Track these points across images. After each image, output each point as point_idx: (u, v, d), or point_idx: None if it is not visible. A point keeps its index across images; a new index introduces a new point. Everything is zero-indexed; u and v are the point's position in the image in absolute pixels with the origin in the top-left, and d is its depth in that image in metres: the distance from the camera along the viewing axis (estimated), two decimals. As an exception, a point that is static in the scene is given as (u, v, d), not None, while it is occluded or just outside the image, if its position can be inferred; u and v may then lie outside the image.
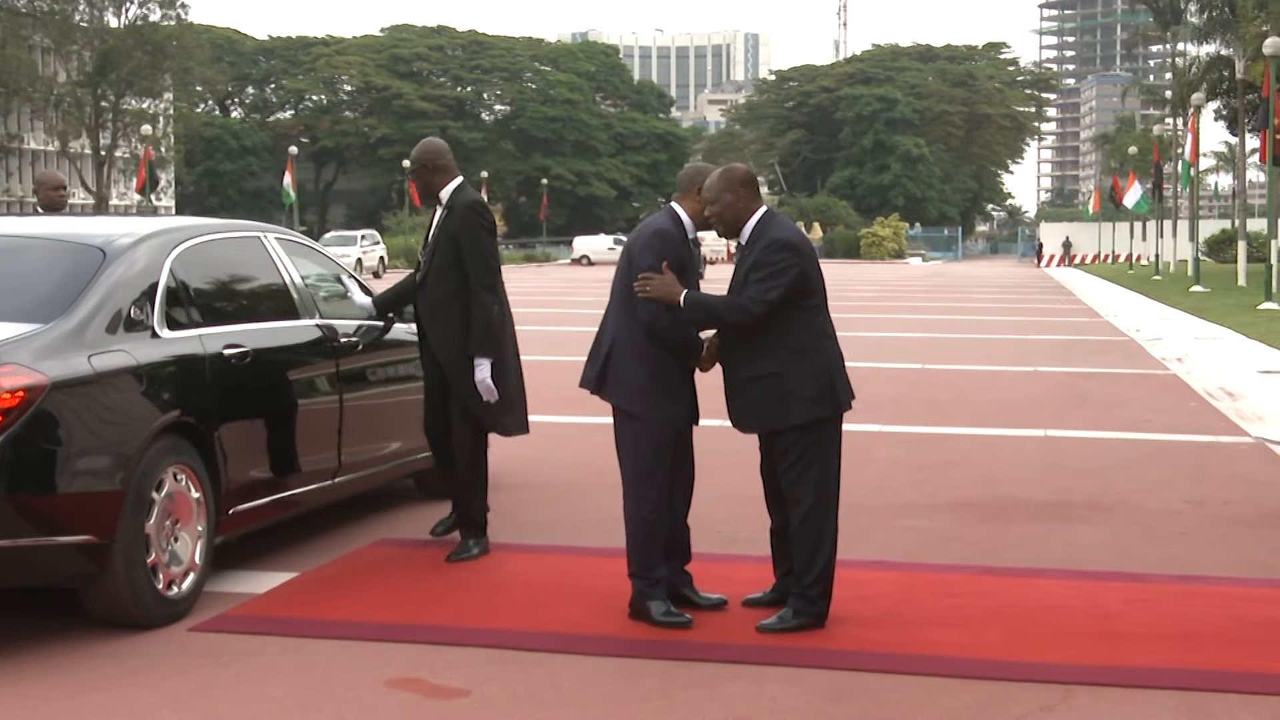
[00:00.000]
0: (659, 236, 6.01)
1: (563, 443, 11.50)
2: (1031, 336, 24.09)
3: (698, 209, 6.11)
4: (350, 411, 7.72)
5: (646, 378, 6.00)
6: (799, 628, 5.92)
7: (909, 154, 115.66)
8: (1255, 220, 66.12)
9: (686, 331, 5.98)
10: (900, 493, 9.18)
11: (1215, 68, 56.01)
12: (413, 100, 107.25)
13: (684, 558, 6.29)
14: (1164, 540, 7.87)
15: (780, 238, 5.88)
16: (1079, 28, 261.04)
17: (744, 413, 6.01)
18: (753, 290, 5.83)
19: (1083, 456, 10.93)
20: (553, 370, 17.79)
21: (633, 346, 6.03)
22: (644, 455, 6.01)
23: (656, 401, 6.00)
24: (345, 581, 6.79)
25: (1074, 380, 16.71)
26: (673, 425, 6.03)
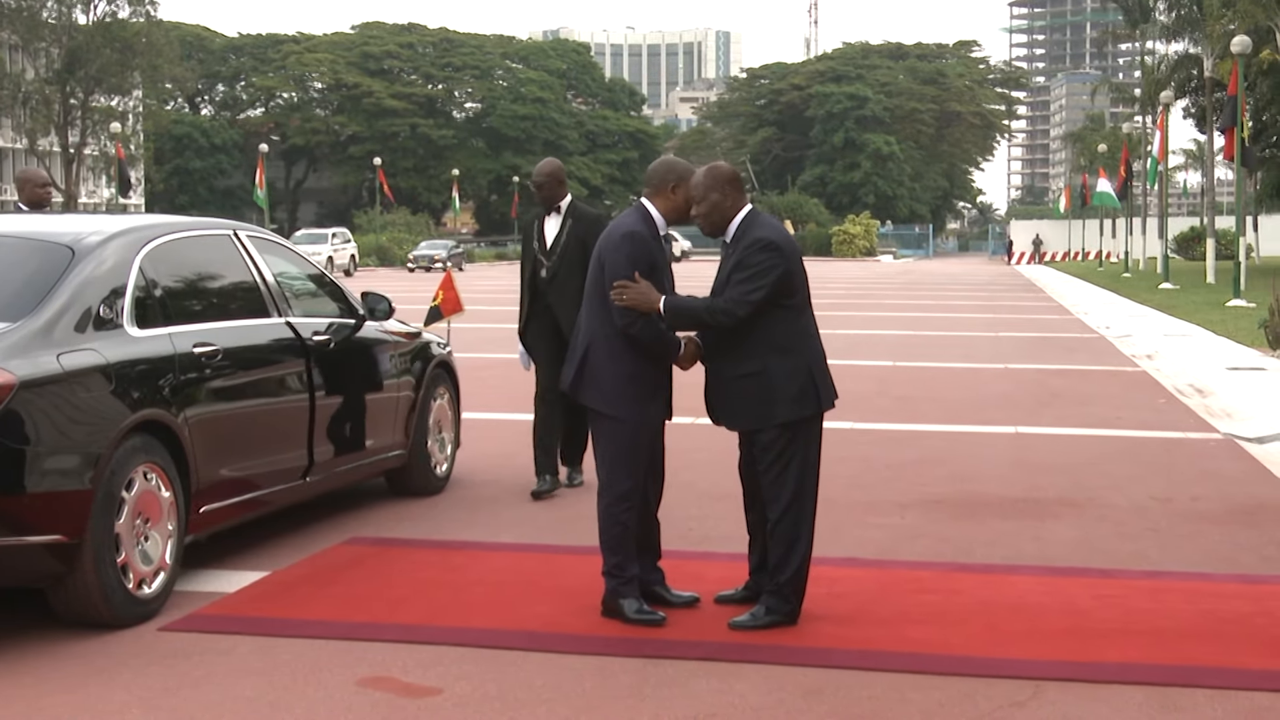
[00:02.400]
0: (628, 239, 5.99)
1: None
2: (1002, 334, 24.17)
3: (668, 205, 6.11)
4: (322, 410, 7.70)
5: (623, 379, 5.99)
6: (771, 624, 5.93)
7: (879, 152, 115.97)
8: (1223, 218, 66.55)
9: (662, 335, 5.98)
10: (872, 490, 9.20)
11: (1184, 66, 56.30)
12: (383, 98, 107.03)
13: (655, 554, 6.30)
14: (1133, 536, 7.91)
15: (764, 237, 5.88)
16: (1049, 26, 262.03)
17: (727, 410, 6.03)
18: (736, 291, 5.84)
19: (1053, 453, 10.97)
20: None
21: (608, 348, 6.02)
22: (620, 455, 6.01)
23: (633, 403, 5.99)
24: (316, 580, 6.77)
25: (1044, 377, 16.78)
26: (650, 426, 6.04)
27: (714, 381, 6.04)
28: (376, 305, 8.65)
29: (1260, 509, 8.72)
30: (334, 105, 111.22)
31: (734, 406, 5.98)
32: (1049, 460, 10.61)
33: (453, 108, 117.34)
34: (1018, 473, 10.04)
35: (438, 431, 9.26)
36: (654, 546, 6.29)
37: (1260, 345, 18.91)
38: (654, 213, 6.12)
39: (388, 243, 74.96)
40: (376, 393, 8.48)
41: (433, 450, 9.13)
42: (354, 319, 8.38)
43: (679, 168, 6.18)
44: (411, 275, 60.02)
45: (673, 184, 6.12)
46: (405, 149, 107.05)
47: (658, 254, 6.03)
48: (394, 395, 8.68)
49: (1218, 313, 27.18)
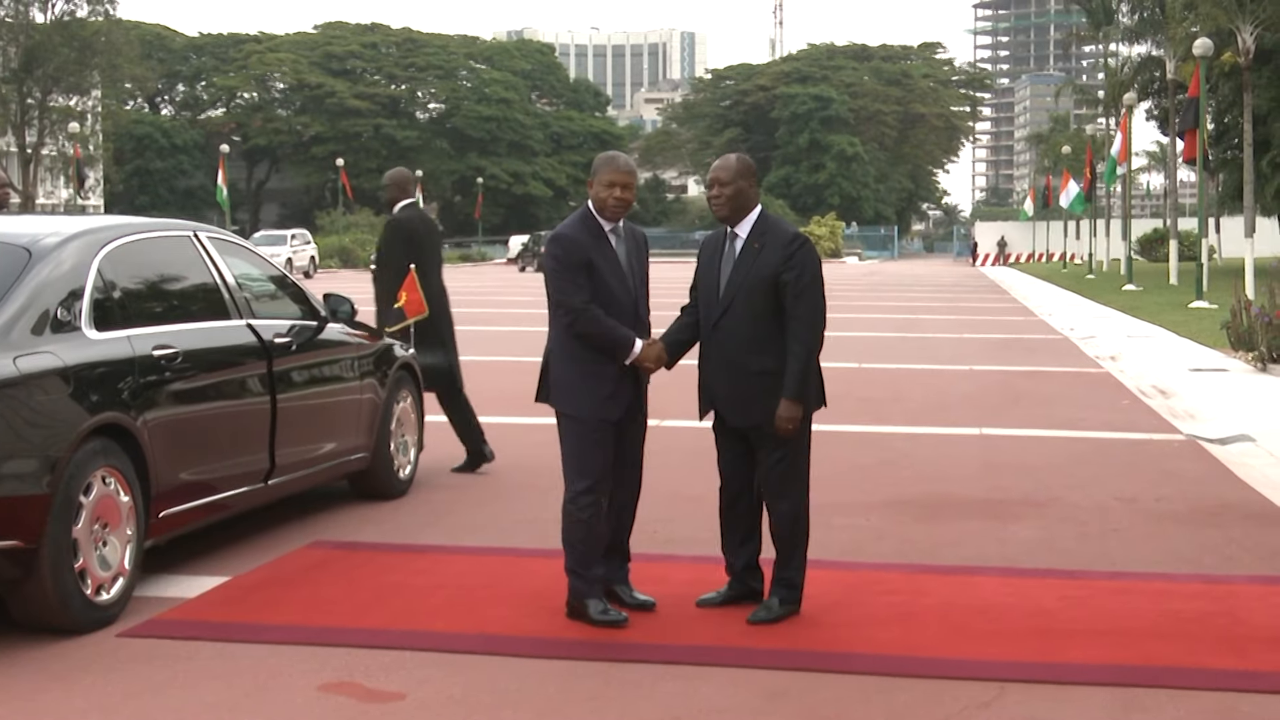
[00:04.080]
0: (554, 242, 6.12)
1: (498, 443, 11.46)
2: (967, 335, 24.27)
3: (593, 200, 6.16)
4: (283, 413, 7.67)
5: (578, 376, 6.07)
6: (786, 615, 6.09)
7: (844, 153, 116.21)
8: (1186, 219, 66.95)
9: (606, 330, 6.01)
10: (837, 491, 9.22)
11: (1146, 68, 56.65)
12: (346, 98, 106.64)
13: (623, 555, 6.32)
14: (1097, 537, 7.95)
15: (800, 234, 6.12)
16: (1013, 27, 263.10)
17: (741, 406, 6.09)
18: (805, 305, 5.98)
19: (1017, 454, 11.02)
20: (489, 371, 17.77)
21: (563, 349, 6.13)
22: (578, 452, 6.07)
23: (587, 397, 6.05)
24: (278, 585, 6.74)
25: (1009, 379, 16.85)
26: (606, 420, 6.05)
27: (729, 376, 6.09)
28: (339, 307, 8.63)
29: (1223, 509, 8.78)
30: (296, 105, 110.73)
31: (750, 401, 6.05)
32: (1013, 461, 10.66)
33: (416, 108, 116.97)
34: (982, 474, 10.08)
35: (401, 434, 9.24)
36: (622, 547, 6.31)
37: (1222, 346, 19.04)
38: (595, 213, 6.17)
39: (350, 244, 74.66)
40: (339, 395, 8.46)
41: (396, 453, 9.11)
42: (316, 321, 8.35)
43: (596, 161, 6.26)
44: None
45: (590, 179, 6.21)
46: (368, 149, 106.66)
47: (594, 252, 6.06)
48: (357, 398, 8.66)
49: (1180, 314, 27.36)
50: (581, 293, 6.00)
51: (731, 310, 6.05)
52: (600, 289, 6.03)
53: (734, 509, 6.28)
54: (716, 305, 6.11)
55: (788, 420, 5.95)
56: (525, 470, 9.85)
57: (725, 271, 6.11)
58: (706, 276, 6.19)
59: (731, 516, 6.30)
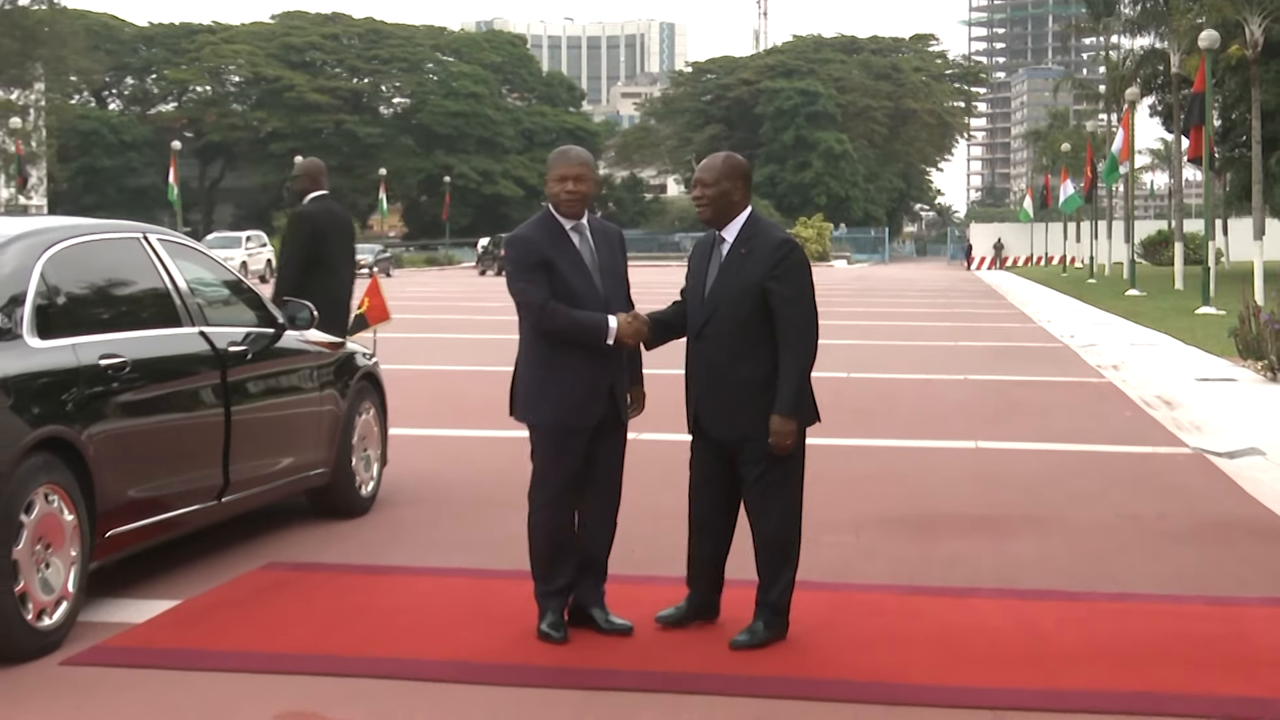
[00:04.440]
0: (510, 244, 6.22)
1: (468, 457, 11.46)
2: (962, 343, 24.33)
3: (550, 193, 6.20)
4: (238, 425, 7.65)
5: (542, 382, 6.14)
6: (770, 640, 6.07)
7: (831, 151, 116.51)
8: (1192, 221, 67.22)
9: (575, 321, 6.04)
10: (824, 508, 9.21)
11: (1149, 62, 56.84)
12: (305, 92, 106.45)
13: (597, 574, 6.32)
14: (1098, 556, 7.97)
15: (789, 239, 6.14)
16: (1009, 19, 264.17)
17: (725, 416, 6.07)
18: (803, 308, 6.02)
19: (1014, 468, 11.04)
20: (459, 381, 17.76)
21: (528, 356, 6.21)
22: (540, 459, 6.17)
23: (549, 404, 6.11)
24: (232, 608, 6.72)
25: (1006, 389, 16.89)
26: (572, 428, 6.08)
27: (712, 385, 6.08)
28: (297, 313, 8.61)
29: (1231, 527, 8.81)
30: (253, 100, 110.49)
31: (734, 412, 6.04)
32: (1010, 476, 10.68)
33: (380, 103, 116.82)
34: (977, 489, 10.10)
35: (363, 448, 9.22)
36: (597, 566, 6.31)
37: (1230, 355, 19.11)
38: (553, 211, 6.23)
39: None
40: (297, 407, 8.44)
41: (357, 468, 9.09)
42: (273, 328, 8.32)
43: (549, 158, 6.30)
44: (336, 281, 59.59)
45: (546, 178, 6.27)
46: (329, 146, 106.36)
47: (551, 251, 6.11)
48: (316, 409, 8.63)
49: (1186, 320, 27.46)
50: (541, 291, 6.06)
51: (716, 317, 6.06)
52: (561, 288, 6.07)
53: (703, 524, 6.28)
54: (701, 311, 6.13)
55: (783, 437, 5.94)
56: (497, 487, 9.83)
57: (711, 276, 6.12)
58: (694, 283, 6.21)
59: (700, 532, 6.30)
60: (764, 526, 6.13)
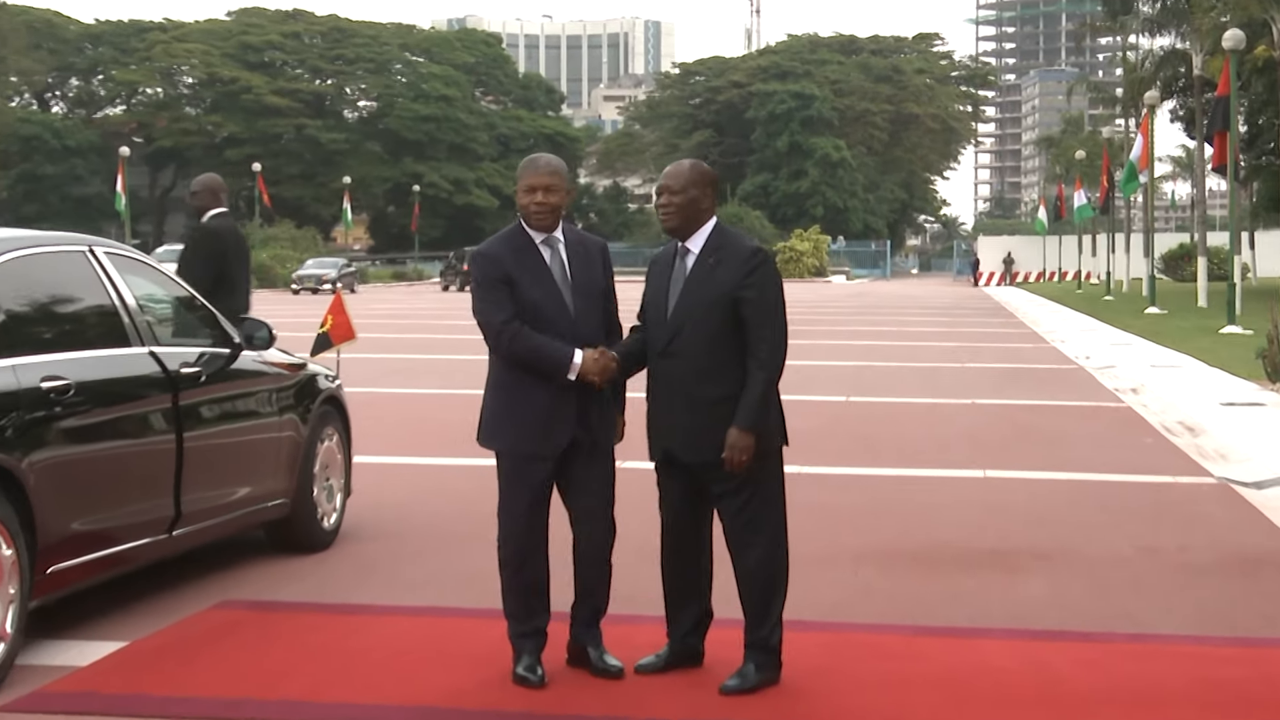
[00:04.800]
0: (472, 260, 6.28)
1: (438, 487, 11.45)
2: (969, 365, 24.37)
3: (519, 204, 6.24)
4: (191, 453, 7.63)
5: (504, 406, 6.17)
6: (763, 683, 6.05)
7: (828, 158, 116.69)
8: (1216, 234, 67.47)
9: (537, 347, 6.04)
10: (821, 542, 9.22)
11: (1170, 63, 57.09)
12: (264, 95, 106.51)
13: (592, 610, 6.32)
14: (1115, 593, 7.98)
15: (759, 247, 6.14)
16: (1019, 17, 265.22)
17: (695, 439, 6.05)
18: (775, 320, 6.01)
19: (1026, 499, 11.06)
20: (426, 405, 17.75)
21: (492, 378, 6.24)
22: (506, 490, 6.19)
23: (511, 429, 6.13)
24: (183, 650, 6.70)
25: (1016, 414, 16.92)
26: (534, 456, 6.09)
27: (680, 407, 6.06)
28: (255, 333, 8.62)
29: (1258, 562, 8.83)
30: (207, 103, 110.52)
31: (706, 435, 6.01)
32: (1020, 506, 10.69)
33: (344, 106, 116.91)
34: (986, 521, 10.11)
35: (325, 477, 9.21)
36: (591, 602, 6.31)
37: (1258, 377, 19.17)
38: (523, 224, 6.26)
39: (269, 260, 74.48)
40: (255, 433, 8.43)
41: (319, 499, 9.08)
42: (229, 348, 8.32)
43: (519, 167, 6.35)
44: (296, 298, 59.62)
45: (516, 188, 6.32)
46: (289, 153, 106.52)
47: (517, 266, 6.12)
48: (275, 436, 8.63)
49: (1210, 340, 27.55)
50: (502, 311, 6.08)
51: (682, 334, 6.05)
52: (525, 307, 6.08)
53: (678, 559, 6.26)
54: (665, 329, 6.11)
55: (739, 452, 5.91)
56: (470, 519, 9.82)
57: (674, 292, 6.12)
58: (655, 299, 6.20)
59: (674, 568, 6.28)
60: (748, 560, 6.11)
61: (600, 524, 6.29)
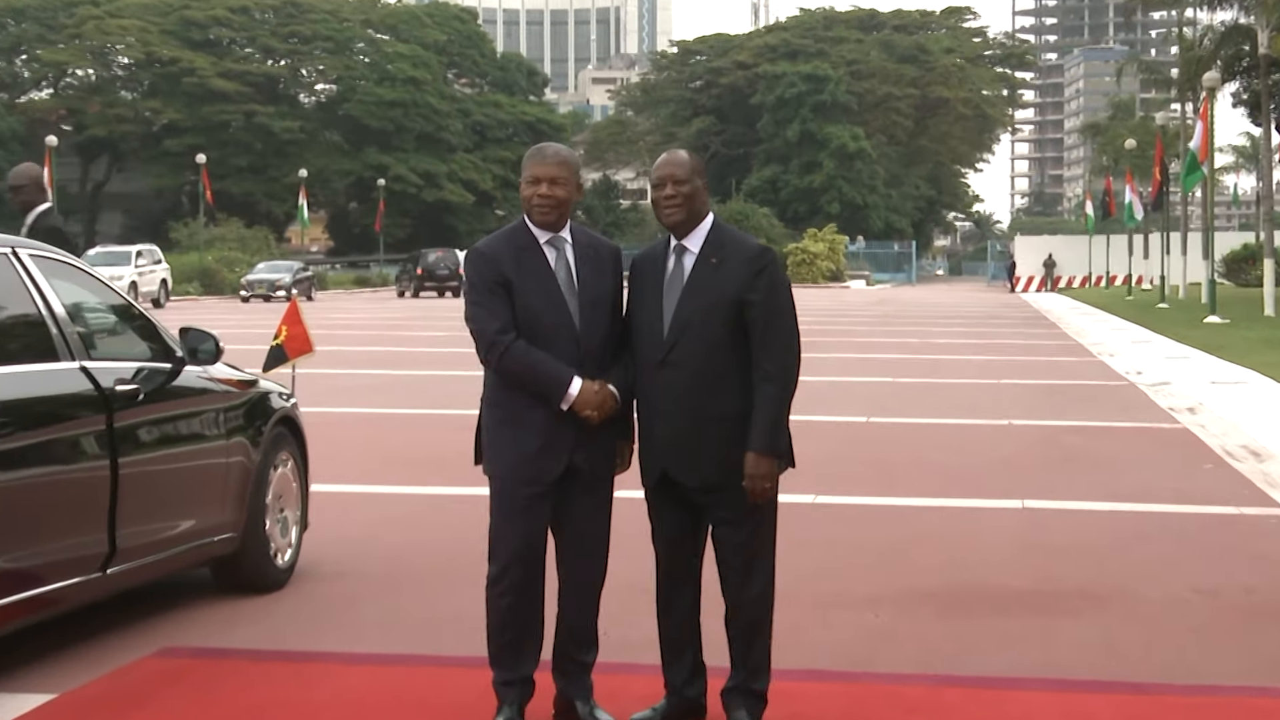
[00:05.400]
0: (468, 261, 6.22)
1: (408, 519, 11.45)
2: (1005, 380, 24.37)
3: (523, 198, 6.20)
4: (127, 481, 7.62)
5: (497, 425, 6.14)
6: None
7: (845, 149, 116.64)
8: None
9: (534, 363, 6.01)
10: (839, 581, 9.23)
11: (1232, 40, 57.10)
12: (209, 77, 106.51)
13: (581, 666, 6.32)
14: (1171, 640, 7.98)
15: (768, 246, 6.20)
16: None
17: (696, 460, 6.04)
18: (787, 327, 6.05)
19: (1069, 533, 11.06)
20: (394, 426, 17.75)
21: (487, 395, 6.20)
22: (496, 518, 6.13)
23: (505, 452, 6.10)
24: (120, 702, 6.70)
25: (1058, 436, 16.92)
26: (531, 482, 6.06)
27: (680, 424, 6.05)
28: (200, 345, 8.61)
29: (1330, 603, 8.84)
30: (144, 86, 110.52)
31: (708, 455, 6.02)
32: (1064, 542, 10.70)
33: (299, 90, 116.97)
34: (1024, 557, 10.11)
35: (279, 509, 9.21)
36: (578, 654, 6.30)
37: (1330, 395, 19.18)
38: (527, 220, 6.23)
39: (215, 264, 74.50)
40: (200, 458, 8.42)
41: (272, 533, 9.08)
42: (170, 363, 8.32)
43: (526, 156, 6.32)
44: (246, 306, 59.64)
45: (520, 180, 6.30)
46: (238, 143, 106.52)
47: (516, 268, 6.09)
48: (222, 461, 8.62)
49: (1277, 354, 27.54)
50: (497, 319, 6.03)
51: (683, 344, 6.02)
52: (523, 316, 6.05)
53: (675, 599, 6.25)
54: (662, 339, 6.07)
55: (762, 479, 5.93)
56: (446, 555, 9.82)
57: (671, 296, 6.09)
58: (645, 305, 6.16)
59: (672, 610, 6.26)
60: (747, 595, 6.10)
61: (592, 561, 6.28)
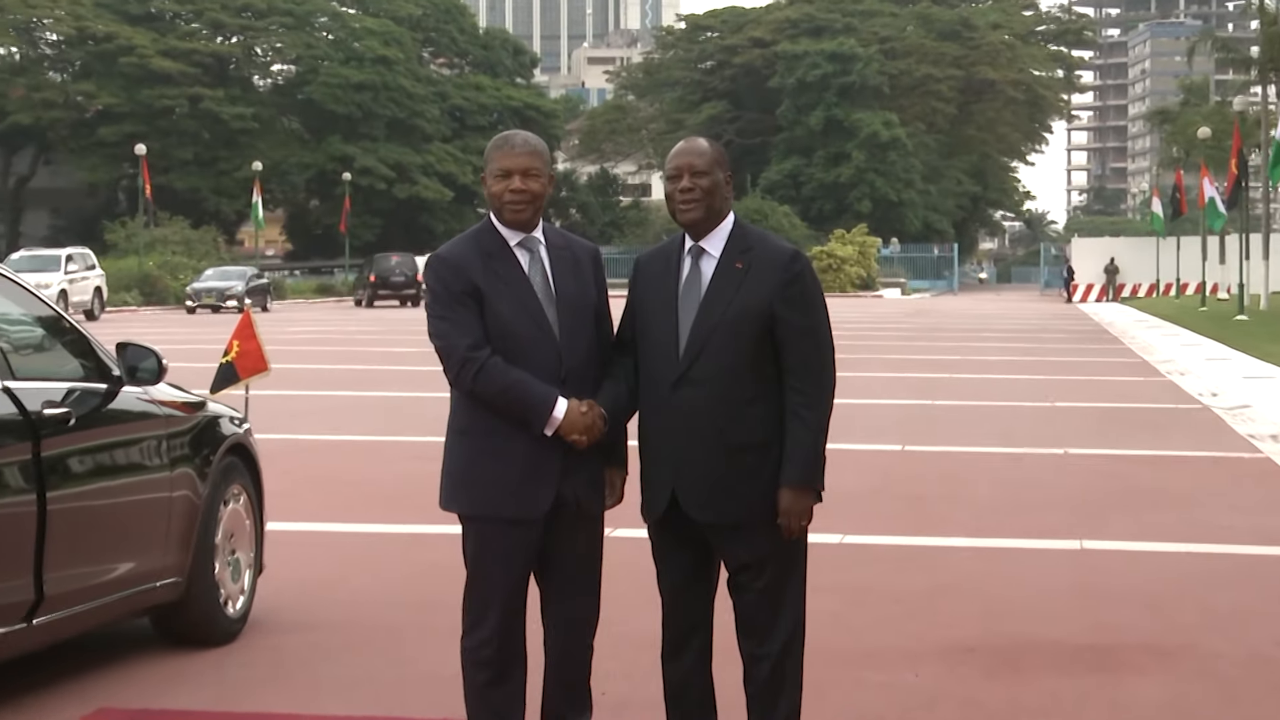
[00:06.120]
0: (429, 269, 6.15)
1: (374, 562, 11.45)
2: (1060, 404, 24.36)
3: (490, 194, 6.16)
4: (57, 518, 7.62)
5: (470, 457, 6.10)
6: None
7: (877, 137, 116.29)
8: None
9: (511, 384, 5.97)
10: (870, 633, 9.22)
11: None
12: (150, 57, 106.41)
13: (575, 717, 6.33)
14: (1251, 700, 7.98)
15: (800, 251, 6.20)
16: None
17: (715, 494, 6.03)
18: (822, 343, 6.06)
19: (1133, 578, 11.06)
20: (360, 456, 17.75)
21: (456, 422, 6.17)
22: (475, 566, 6.11)
23: (480, 488, 6.06)
24: (48, 773, 6.71)
25: (1120, 467, 16.91)
26: (500, 518, 6.03)
27: (698, 454, 6.03)
28: (139, 363, 8.60)
29: None
30: (76, 67, 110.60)
31: (729, 488, 6.01)
32: (1128, 589, 10.70)
33: (253, 72, 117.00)
34: (1081, 607, 10.11)
35: (230, 550, 9.20)
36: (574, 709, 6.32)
37: None
38: (495, 220, 6.20)
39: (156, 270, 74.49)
40: (139, 492, 8.41)
41: (222, 577, 9.07)
42: (106, 383, 8.32)
43: (488, 147, 6.26)
44: (192, 318, 59.64)
45: (483, 174, 6.24)
46: (183, 132, 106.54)
47: (485, 275, 6.06)
48: (165, 496, 8.61)
49: (1372, 373, 27.53)
50: (467, 334, 6.00)
51: (703, 361, 5.99)
52: (494, 328, 6.03)
53: (683, 653, 6.23)
54: (677, 355, 6.04)
55: (797, 517, 5.95)
56: (419, 603, 9.82)
57: (689, 306, 6.06)
58: (655, 315, 6.13)
59: (679, 666, 6.25)
60: (769, 650, 6.09)
61: (582, 609, 6.27)
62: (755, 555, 6.04)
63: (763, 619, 6.09)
